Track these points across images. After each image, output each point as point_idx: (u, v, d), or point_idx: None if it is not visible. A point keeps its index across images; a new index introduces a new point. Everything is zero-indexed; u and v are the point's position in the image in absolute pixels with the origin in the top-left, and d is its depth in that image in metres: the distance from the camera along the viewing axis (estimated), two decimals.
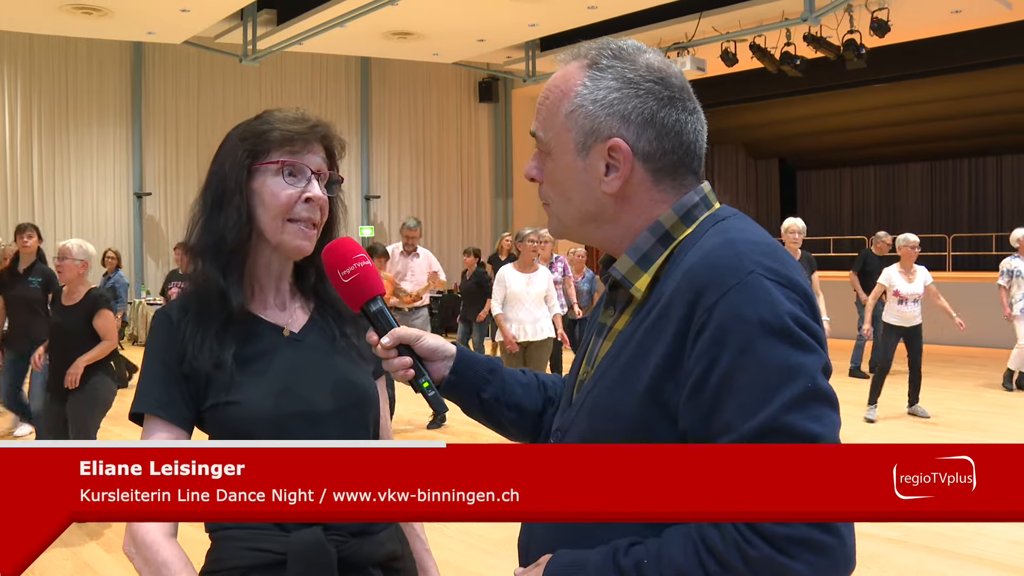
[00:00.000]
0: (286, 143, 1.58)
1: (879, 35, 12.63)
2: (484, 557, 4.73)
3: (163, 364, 1.55)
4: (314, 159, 1.61)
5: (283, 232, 1.58)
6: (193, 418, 1.56)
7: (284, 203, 1.56)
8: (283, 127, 1.58)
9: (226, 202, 1.57)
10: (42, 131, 15.45)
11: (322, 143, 1.63)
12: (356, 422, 1.62)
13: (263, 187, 1.57)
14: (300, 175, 1.59)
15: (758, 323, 1.07)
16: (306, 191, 1.58)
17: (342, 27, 13.96)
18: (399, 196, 18.98)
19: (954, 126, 21.27)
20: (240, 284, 1.59)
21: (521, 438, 1.51)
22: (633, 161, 1.23)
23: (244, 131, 1.62)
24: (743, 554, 1.00)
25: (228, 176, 1.58)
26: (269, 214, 1.57)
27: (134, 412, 1.56)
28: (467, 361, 1.47)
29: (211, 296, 1.57)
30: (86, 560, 4.88)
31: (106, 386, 5.51)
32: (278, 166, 1.57)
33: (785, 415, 1.04)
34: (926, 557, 4.76)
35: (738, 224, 1.22)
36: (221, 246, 1.57)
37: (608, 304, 1.35)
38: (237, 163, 1.58)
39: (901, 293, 8.13)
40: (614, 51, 1.26)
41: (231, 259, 1.58)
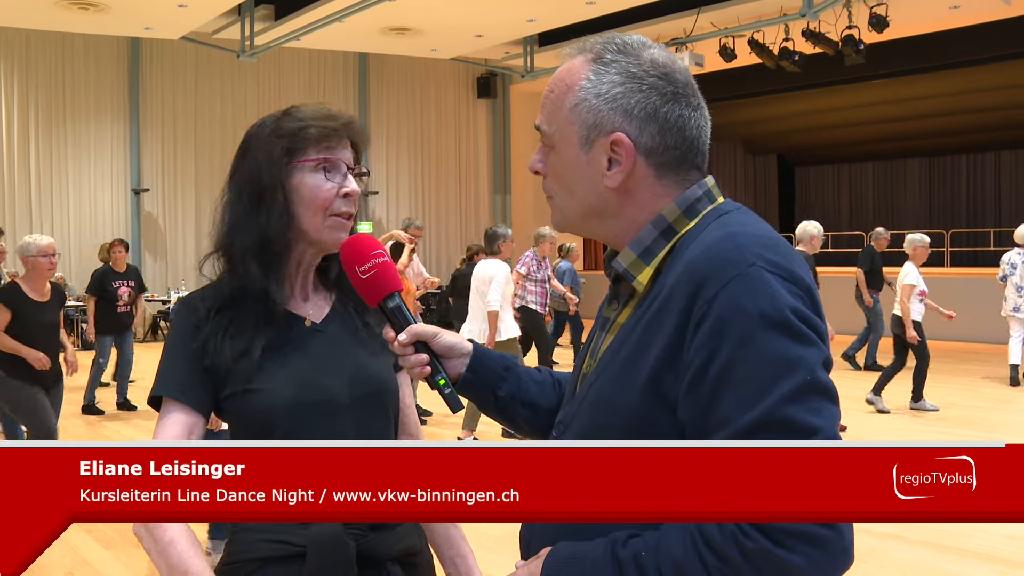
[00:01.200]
0: (323, 140, 1.59)
1: (877, 31, 12.64)
2: (485, 554, 4.73)
3: (185, 350, 1.57)
4: (347, 154, 1.63)
5: (323, 228, 1.59)
6: (211, 404, 1.57)
7: (324, 199, 1.58)
8: (319, 123, 1.60)
9: (268, 200, 1.58)
10: (39, 127, 15.42)
11: (351, 139, 1.65)
12: (375, 412, 1.64)
13: (302, 184, 1.58)
14: (336, 171, 1.61)
15: (758, 315, 1.07)
16: (344, 186, 1.60)
17: (340, 22, 13.94)
18: (397, 192, 18.98)
19: (953, 122, 21.29)
20: (280, 283, 1.61)
21: (536, 435, 1.50)
22: (635, 156, 1.23)
23: (277, 128, 1.61)
24: (740, 547, 1.00)
25: (265, 174, 1.59)
26: (310, 211, 1.59)
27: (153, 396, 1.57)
28: (483, 359, 1.48)
29: (252, 295, 1.58)
30: (84, 557, 4.88)
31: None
32: (316, 163, 1.59)
33: (784, 408, 1.04)
34: (925, 553, 4.78)
35: (741, 218, 1.22)
36: (264, 245, 1.58)
37: (612, 297, 1.35)
38: (274, 161, 1.58)
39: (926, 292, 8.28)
40: (619, 46, 1.26)
41: (275, 259, 1.59)
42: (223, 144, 16.02)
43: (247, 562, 1.54)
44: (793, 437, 1.02)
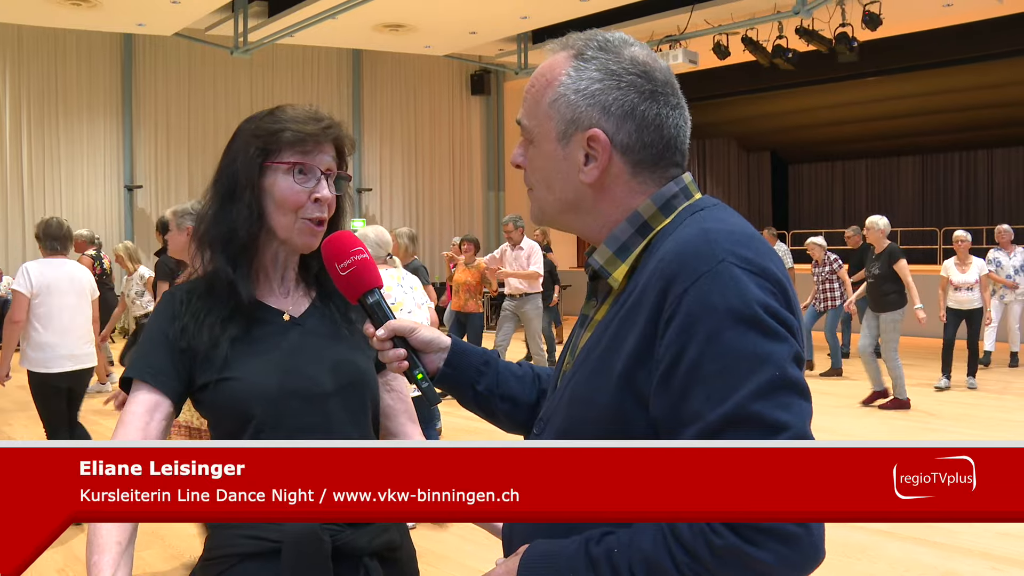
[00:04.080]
0: (298, 143, 1.61)
1: (871, 28, 12.65)
2: (481, 551, 4.73)
3: (162, 337, 1.60)
4: (324, 159, 1.64)
5: (292, 229, 1.62)
6: (183, 392, 1.60)
7: (294, 202, 1.61)
8: (295, 127, 1.61)
9: (237, 197, 1.61)
10: (31, 124, 15.37)
11: (333, 143, 1.66)
12: (354, 403, 1.66)
13: (274, 186, 1.61)
14: (310, 175, 1.62)
15: (726, 311, 1.07)
16: (315, 191, 1.62)
17: (333, 19, 13.91)
18: (391, 189, 18.95)
19: (946, 120, 21.34)
20: (248, 276, 1.64)
21: (515, 429, 1.52)
22: (612, 152, 1.24)
23: (257, 128, 1.64)
24: (709, 543, 1.00)
25: (240, 172, 1.62)
26: (279, 212, 1.62)
27: (124, 377, 1.60)
28: (461, 354, 1.49)
29: (220, 285, 1.62)
30: (77, 554, 4.87)
31: None
32: (288, 166, 1.61)
33: (752, 403, 1.04)
34: (916, 548, 4.79)
35: (716, 214, 1.22)
36: (231, 239, 1.61)
37: (590, 295, 1.37)
38: (249, 160, 1.61)
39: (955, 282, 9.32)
40: (600, 43, 1.27)
41: (240, 252, 1.62)
42: (216, 141, 15.98)
43: (226, 557, 1.56)
44: (762, 432, 1.03)
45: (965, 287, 9.27)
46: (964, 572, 4.52)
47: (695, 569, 1.02)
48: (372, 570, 1.61)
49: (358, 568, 1.59)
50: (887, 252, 8.18)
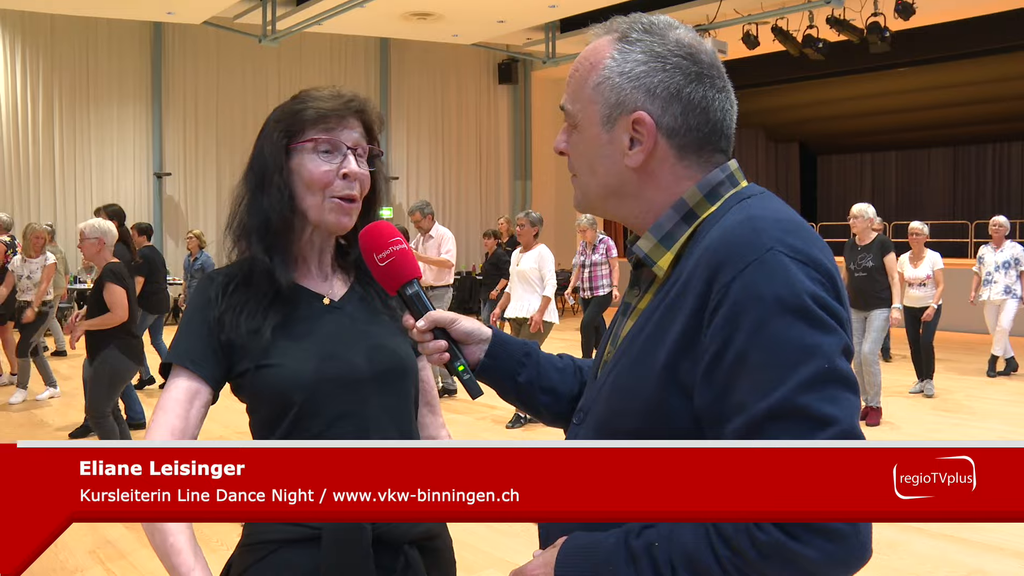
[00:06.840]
0: (320, 121, 1.61)
1: (904, 18, 12.48)
2: (501, 539, 4.75)
3: (202, 322, 1.60)
4: (350, 135, 1.63)
5: (323, 209, 1.61)
6: (222, 379, 1.60)
7: (321, 180, 1.60)
8: (316, 105, 1.61)
9: (268, 183, 1.61)
10: (63, 111, 15.52)
11: (359, 118, 1.65)
12: (394, 389, 1.65)
13: (301, 166, 1.61)
14: (336, 151, 1.62)
15: (774, 301, 1.06)
16: (343, 167, 1.61)
17: (361, 7, 13.91)
18: (418, 178, 18.98)
19: (978, 111, 21.01)
20: (286, 262, 1.64)
21: (556, 422, 1.50)
22: (657, 135, 1.23)
23: (280, 114, 1.65)
24: (753, 539, 0.99)
25: (267, 157, 1.62)
26: (309, 192, 1.61)
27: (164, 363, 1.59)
28: (502, 345, 1.48)
29: (259, 274, 1.61)
30: (106, 536, 4.93)
31: (114, 360, 5.79)
32: (313, 144, 1.60)
33: (799, 396, 1.02)
34: (946, 546, 4.74)
35: (763, 202, 1.20)
36: (267, 226, 1.61)
37: (633, 283, 1.35)
38: (275, 145, 1.62)
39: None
40: (645, 25, 1.26)
41: (276, 238, 1.62)
42: (244, 129, 16.08)
43: (265, 543, 1.56)
44: (809, 426, 1.01)
45: (917, 283, 8.53)
46: (993, 571, 4.47)
47: (738, 565, 1.01)
48: (412, 559, 1.61)
49: (398, 556, 1.59)
50: (878, 243, 7.66)
